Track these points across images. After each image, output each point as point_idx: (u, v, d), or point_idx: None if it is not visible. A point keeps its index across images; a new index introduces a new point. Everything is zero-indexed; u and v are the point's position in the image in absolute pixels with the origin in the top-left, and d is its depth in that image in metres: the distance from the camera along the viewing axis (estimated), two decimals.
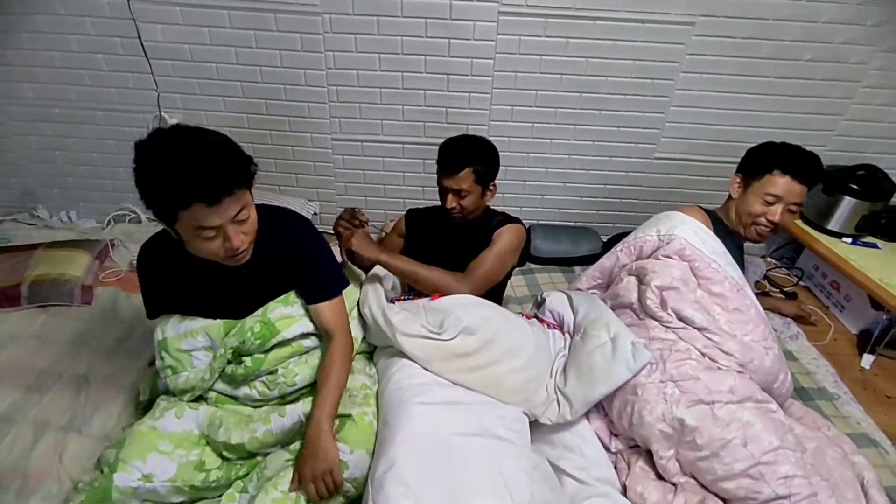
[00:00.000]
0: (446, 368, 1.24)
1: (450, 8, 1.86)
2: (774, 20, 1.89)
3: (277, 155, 2.23)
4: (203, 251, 1.02)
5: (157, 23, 1.90)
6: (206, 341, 1.20)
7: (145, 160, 0.93)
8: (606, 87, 2.04)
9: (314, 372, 1.23)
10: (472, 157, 1.46)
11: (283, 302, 1.22)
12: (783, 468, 1.07)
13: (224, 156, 0.96)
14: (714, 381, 1.20)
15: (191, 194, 0.92)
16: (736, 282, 1.34)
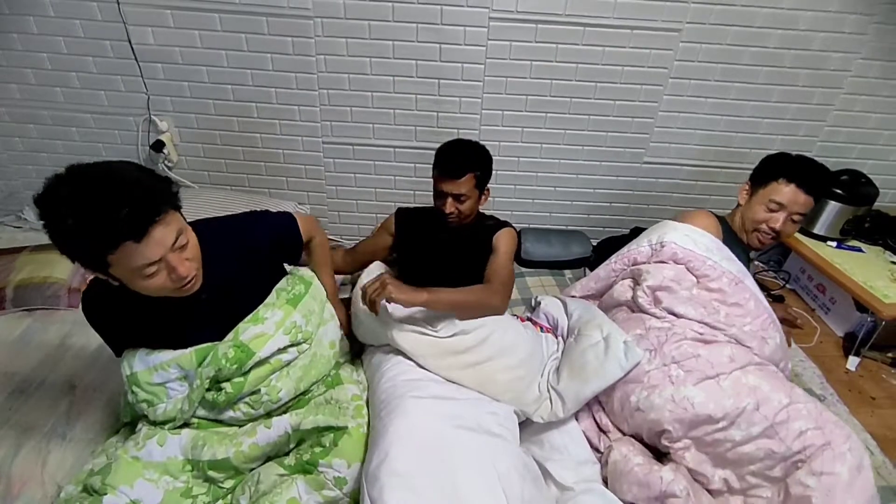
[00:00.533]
0: (440, 365, 1.24)
1: (441, 13, 1.88)
2: (757, 27, 1.93)
3: (268, 158, 2.22)
4: (149, 289, 0.94)
5: (148, 26, 1.90)
6: (179, 372, 1.15)
7: (51, 213, 0.83)
8: (596, 92, 2.06)
9: (297, 383, 1.22)
10: (474, 162, 1.47)
11: (253, 321, 1.19)
12: (796, 424, 1.11)
13: (137, 185, 0.87)
14: (713, 354, 1.25)
15: (113, 235, 0.84)
16: (734, 275, 1.38)
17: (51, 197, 0.83)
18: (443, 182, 1.46)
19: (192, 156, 2.21)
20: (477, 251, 1.57)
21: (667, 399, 1.21)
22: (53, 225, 0.84)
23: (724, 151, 2.21)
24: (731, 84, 2.05)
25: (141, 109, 2.07)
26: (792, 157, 1.48)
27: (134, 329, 1.11)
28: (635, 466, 1.16)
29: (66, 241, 0.85)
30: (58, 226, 0.84)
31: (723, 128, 2.15)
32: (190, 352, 1.14)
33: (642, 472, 1.15)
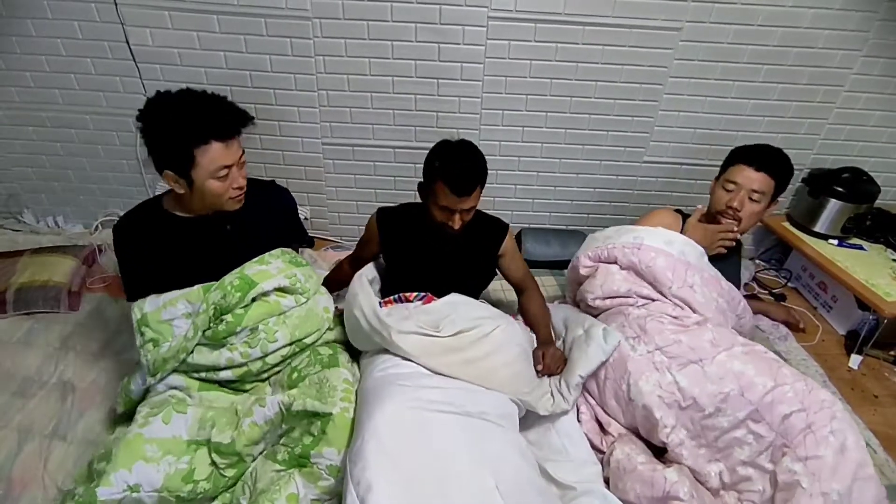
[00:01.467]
0: (442, 363, 1.24)
1: (439, 12, 1.87)
2: (757, 25, 1.92)
3: (268, 159, 2.22)
4: (212, 191, 1.17)
5: (146, 27, 1.89)
6: (186, 307, 1.25)
7: (161, 107, 1.11)
8: (596, 91, 2.06)
9: (293, 330, 1.30)
10: (482, 172, 1.39)
11: (259, 262, 1.31)
12: (780, 407, 1.12)
13: (228, 102, 1.16)
14: (693, 339, 1.27)
15: (208, 131, 1.10)
16: (686, 260, 1.46)
17: (158, 101, 1.12)
18: (454, 200, 1.34)
19: None
20: (476, 254, 1.56)
21: (654, 385, 1.25)
22: (160, 117, 1.11)
23: (723, 150, 2.14)
24: (732, 82, 2.04)
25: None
26: (746, 145, 1.55)
27: (155, 259, 1.24)
28: (639, 465, 1.17)
29: (165, 132, 1.11)
30: (164, 117, 1.11)
31: (722, 126, 2.14)
32: (198, 288, 1.25)
33: (646, 470, 1.15)
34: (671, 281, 1.42)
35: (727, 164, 1.55)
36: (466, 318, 1.35)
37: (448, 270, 1.53)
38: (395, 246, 1.57)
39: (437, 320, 1.33)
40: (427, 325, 1.31)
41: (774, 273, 2.30)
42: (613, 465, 1.20)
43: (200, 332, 1.22)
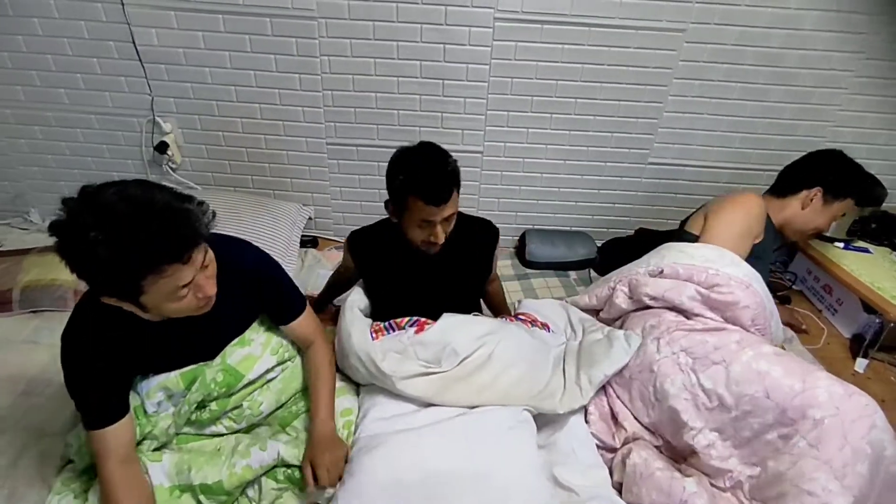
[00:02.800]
0: (452, 398, 1.22)
1: (445, 13, 1.87)
2: (761, 27, 1.91)
3: (272, 160, 2.22)
4: (176, 312, 0.92)
5: (151, 27, 1.90)
6: (165, 394, 1.12)
7: (80, 245, 0.79)
8: (601, 92, 2.05)
9: (278, 396, 1.24)
10: (455, 174, 1.24)
11: (240, 344, 1.17)
12: (811, 411, 1.05)
13: (182, 208, 0.85)
14: (721, 340, 1.23)
15: (162, 256, 0.82)
16: (741, 279, 1.35)
17: (76, 228, 0.78)
18: (431, 211, 1.21)
19: (196, 157, 2.21)
20: (469, 261, 1.46)
21: (679, 387, 1.22)
22: (83, 256, 0.80)
23: (726, 151, 2.20)
24: (735, 84, 2.03)
25: (145, 111, 2.07)
26: (862, 175, 1.54)
27: (119, 362, 1.02)
28: (657, 471, 1.14)
29: (105, 264, 0.80)
30: (89, 257, 0.79)
31: (725, 128, 2.14)
32: (176, 375, 1.11)
33: (664, 477, 1.13)
34: (749, 320, 1.34)
35: (844, 191, 1.54)
36: (466, 341, 1.28)
37: (439, 287, 1.43)
38: (373, 270, 1.45)
39: (436, 353, 1.27)
40: (427, 361, 1.26)
41: (780, 275, 2.29)
42: (629, 469, 1.18)
43: (182, 425, 1.15)
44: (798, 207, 1.57)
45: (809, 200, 1.55)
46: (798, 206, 1.57)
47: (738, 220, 1.48)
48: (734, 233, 1.46)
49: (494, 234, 1.49)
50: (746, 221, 1.48)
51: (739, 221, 1.48)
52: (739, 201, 1.51)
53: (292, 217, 2.20)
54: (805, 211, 1.56)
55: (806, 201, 1.56)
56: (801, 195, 1.57)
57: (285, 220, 2.15)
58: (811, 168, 1.58)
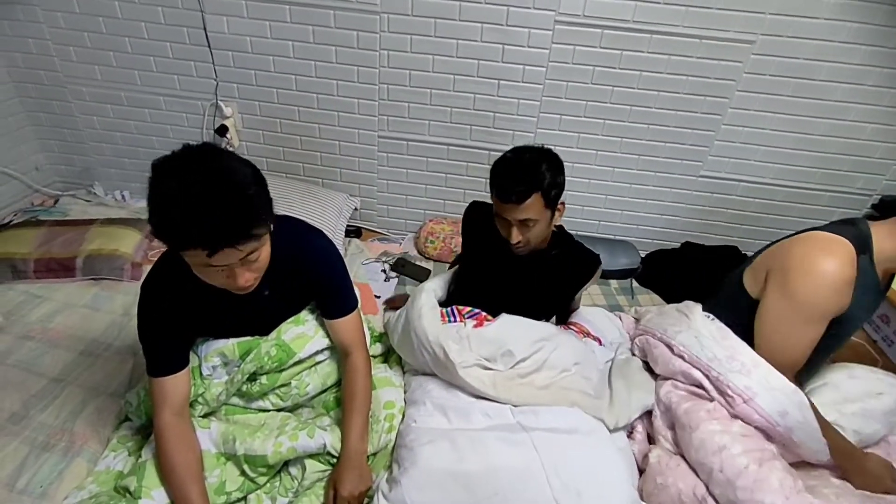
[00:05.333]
0: (508, 395, 1.22)
1: (507, 14, 1.88)
2: (840, 42, 1.84)
3: (324, 149, 2.28)
4: (207, 280, 0.93)
5: (223, 14, 1.98)
6: (221, 360, 1.17)
7: (153, 187, 0.82)
8: (658, 101, 2.02)
9: (325, 379, 1.26)
10: (541, 177, 1.18)
11: (295, 322, 1.21)
12: (759, 495, 1.02)
13: (233, 204, 0.82)
14: (693, 405, 1.23)
15: (187, 241, 0.82)
16: (741, 392, 1.19)
17: (162, 169, 0.82)
18: (504, 208, 1.21)
19: (253, 142, 2.29)
20: (559, 290, 1.45)
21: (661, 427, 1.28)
22: (150, 198, 0.83)
23: (786, 169, 2.12)
24: (804, 100, 1.96)
25: (209, 94, 2.16)
26: None
27: (184, 318, 1.06)
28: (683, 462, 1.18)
29: (150, 218, 0.84)
30: (151, 202, 0.83)
31: (790, 145, 2.07)
32: (233, 343, 1.15)
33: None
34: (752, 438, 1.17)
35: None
36: (523, 344, 1.28)
37: (518, 289, 1.41)
38: (472, 243, 1.48)
39: (492, 351, 1.27)
40: (483, 356, 1.27)
41: None
42: (654, 460, 1.20)
43: (232, 394, 1.20)
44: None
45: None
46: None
47: (794, 306, 1.16)
48: (784, 326, 1.19)
49: (592, 268, 1.41)
50: (816, 302, 1.14)
51: (805, 307, 1.15)
52: (811, 265, 1.14)
53: (339, 206, 2.24)
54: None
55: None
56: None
57: (332, 209, 2.20)
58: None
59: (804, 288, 1.14)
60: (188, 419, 1.10)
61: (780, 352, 1.20)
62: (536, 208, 1.20)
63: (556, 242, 1.38)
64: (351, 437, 1.13)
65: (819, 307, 1.14)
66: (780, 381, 1.15)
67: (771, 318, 1.21)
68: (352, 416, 1.15)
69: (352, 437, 1.13)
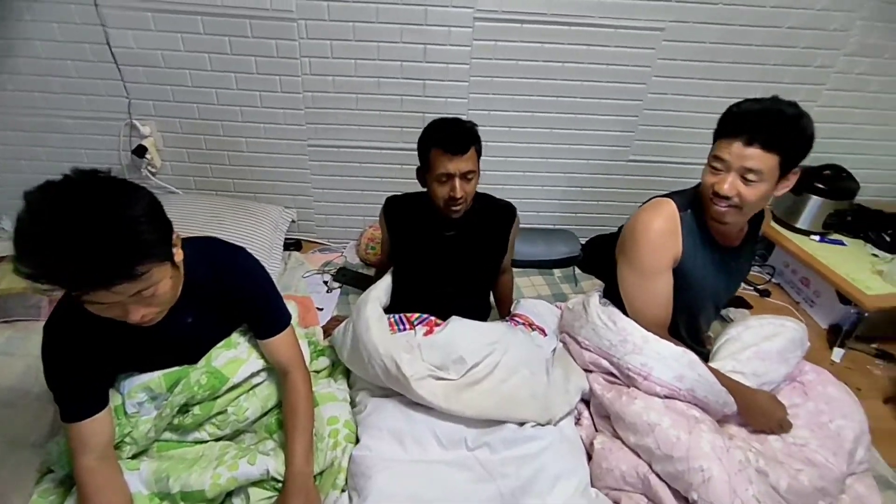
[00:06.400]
0: (460, 405, 1.21)
1: (425, 14, 1.87)
2: (741, 25, 1.94)
3: (253, 162, 2.20)
4: (102, 315, 0.86)
5: (128, 28, 1.87)
6: (148, 395, 1.09)
7: (18, 220, 0.75)
8: (581, 91, 2.07)
9: (264, 402, 1.20)
10: (473, 134, 1.33)
11: (226, 346, 1.15)
12: (695, 462, 1.06)
13: (105, 243, 0.75)
14: (614, 394, 1.28)
15: (52, 280, 0.75)
16: (639, 370, 1.25)
17: (22, 217, 0.75)
18: (449, 161, 1.29)
19: (177, 161, 2.18)
20: (491, 245, 1.52)
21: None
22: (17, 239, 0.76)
23: (705, 149, 2.21)
24: (715, 82, 2.06)
25: (122, 114, 2.04)
26: (742, 108, 1.18)
27: (99, 357, 0.99)
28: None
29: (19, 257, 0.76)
30: (20, 244, 0.76)
31: (706, 125, 2.14)
32: (159, 376, 1.08)
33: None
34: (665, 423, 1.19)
35: (715, 134, 1.23)
36: (474, 349, 1.29)
37: (458, 262, 1.48)
38: (400, 236, 1.51)
39: (443, 359, 1.28)
40: (434, 365, 1.27)
41: (758, 269, 2.33)
42: (598, 447, 1.23)
43: (162, 430, 1.12)
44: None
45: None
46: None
47: (633, 268, 1.30)
48: (634, 289, 1.31)
49: (512, 215, 1.53)
50: (644, 256, 1.27)
51: (639, 263, 1.28)
52: (634, 224, 1.29)
53: (274, 220, 2.18)
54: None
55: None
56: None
57: (267, 224, 2.13)
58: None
59: (633, 246, 1.28)
60: (114, 462, 1.03)
61: (643, 311, 1.31)
62: (474, 160, 1.33)
63: (475, 199, 1.46)
64: (295, 459, 1.08)
65: (649, 260, 1.26)
66: (669, 348, 1.23)
67: (625, 285, 1.33)
68: (294, 438, 1.11)
69: (296, 459, 1.09)
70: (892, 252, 2.00)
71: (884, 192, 2.40)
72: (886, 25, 1.97)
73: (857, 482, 1.24)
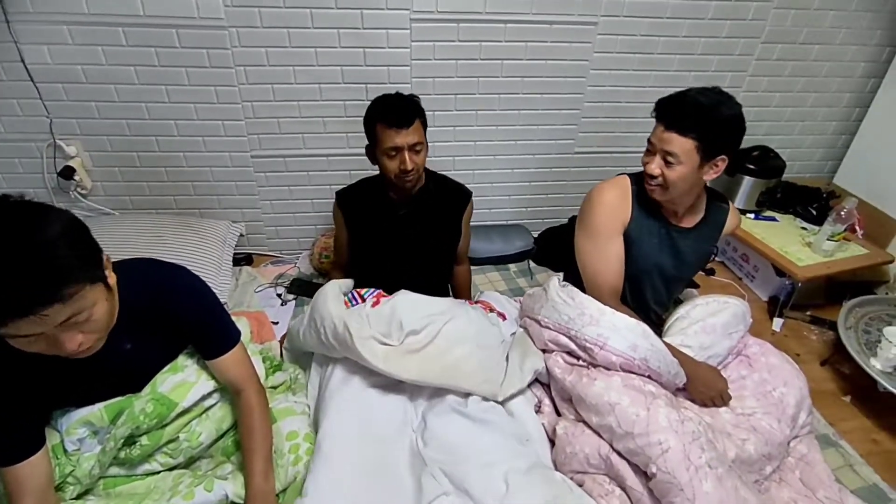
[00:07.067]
0: (402, 368, 1.23)
1: (361, 17, 1.85)
2: (667, 18, 2.03)
3: (195, 177, 2.11)
4: (28, 350, 0.81)
5: (42, 44, 1.75)
6: (89, 430, 1.03)
7: None
8: (522, 87, 2.10)
9: (219, 424, 1.16)
10: (417, 106, 1.39)
11: (172, 370, 1.10)
12: (654, 436, 1.09)
13: (31, 261, 0.72)
14: (574, 376, 1.31)
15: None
16: (595, 340, 1.29)
17: None
18: (396, 134, 1.33)
19: (108, 180, 2.07)
20: (445, 224, 1.54)
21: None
22: None
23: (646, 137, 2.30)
24: (649, 72, 2.15)
25: (44, 134, 1.91)
26: (667, 96, 1.30)
27: (29, 389, 0.93)
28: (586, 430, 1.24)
29: None
30: None
31: (643, 114, 2.24)
32: (100, 408, 1.02)
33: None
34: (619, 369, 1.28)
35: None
36: (414, 318, 1.33)
37: (413, 245, 1.50)
38: (357, 223, 1.55)
39: (387, 325, 1.32)
40: (379, 332, 1.31)
41: None
42: (561, 432, 1.26)
43: (107, 465, 1.05)
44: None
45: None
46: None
47: (587, 233, 1.41)
48: (588, 255, 1.41)
49: (466, 196, 1.58)
50: (595, 219, 1.39)
51: (592, 227, 1.40)
52: (589, 195, 1.43)
53: (222, 235, 2.10)
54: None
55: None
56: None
57: (214, 240, 2.05)
58: None
59: (588, 211, 1.41)
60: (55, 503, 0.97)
61: (595, 277, 1.41)
62: (420, 132, 1.37)
63: (428, 178, 1.54)
64: (254, 479, 1.05)
65: (601, 222, 1.38)
66: (624, 319, 1.30)
67: (580, 252, 1.44)
68: (252, 457, 1.07)
69: (255, 478, 1.05)
70: (818, 224, 2.14)
71: (806, 169, 2.57)
72: (798, 12, 2.10)
73: (799, 444, 1.32)
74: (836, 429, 1.54)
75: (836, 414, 1.60)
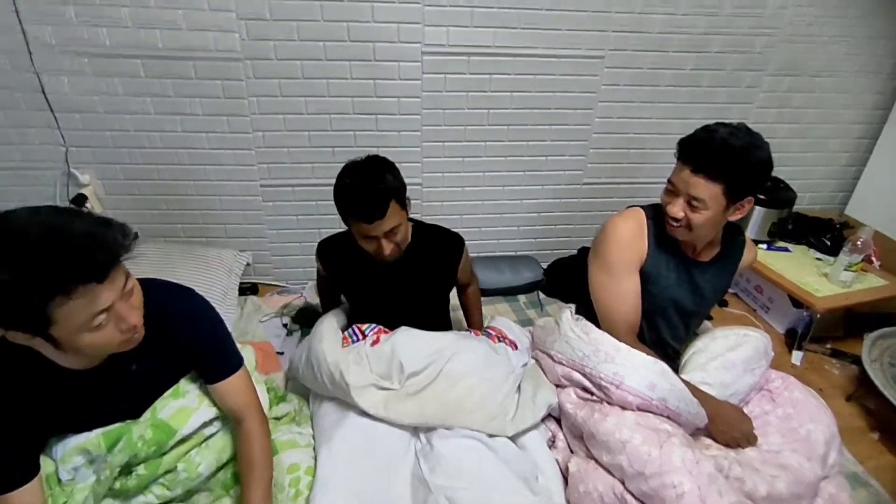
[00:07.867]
0: (403, 413, 1.20)
1: (373, 49, 1.89)
2: (673, 51, 2.06)
3: (204, 205, 2.12)
4: (95, 346, 0.81)
5: (63, 74, 1.80)
6: (85, 458, 0.99)
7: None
8: (531, 118, 2.12)
9: (219, 454, 1.11)
10: (386, 192, 1.20)
11: (174, 395, 1.06)
12: (667, 477, 1.03)
13: (98, 231, 0.77)
14: (587, 412, 1.26)
15: (73, 274, 0.73)
16: (611, 379, 1.23)
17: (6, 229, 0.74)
18: (368, 227, 1.22)
19: (120, 208, 2.08)
20: (438, 276, 1.49)
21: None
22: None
23: (656, 168, 2.32)
24: (656, 104, 2.16)
25: (59, 162, 1.94)
26: (693, 136, 1.22)
27: (25, 413, 0.89)
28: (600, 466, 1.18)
29: (8, 287, 0.71)
30: (5, 261, 0.71)
31: (652, 145, 2.26)
32: (97, 435, 0.98)
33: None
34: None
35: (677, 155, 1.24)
36: (415, 359, 1.29)
37: (402, 293, 1.46)
38: (342, 275, 1.48)
39: (386, 367, 1.28)
40: (379, 373, 1.28)
41: None
42: (573, 469, 1.19)
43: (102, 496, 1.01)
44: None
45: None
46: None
47: (602, 267, 1.34)
48: (604, 290, 1.34)
49: (459, 245, 1.50)
50: (612, 254, 1.32)
51: (608, 262, 1.32)
52: (605, 228, 1.35)
53: (228, 264, 2.09)
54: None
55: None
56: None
57: (220, 269, 2.04)
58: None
59: (603, 246, 1.33)
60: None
61: (611, 313, 1.34)
62: (396, 215, 1.24)
63: (416, 233, 1.43)
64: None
65: (617, 258, 1.31)
66: (641, 357, 1.23)
67: (595, 287, 1.36)
68: (251, 490, 1.02)
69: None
70: (832, 255, 2.10)
71: (817, 200, 2.55)
72: (805, 46, 2.13)
73: (828, 484, 1.25)
74: (864, 467, 1.46)
75: (864, 451, 1.52)
